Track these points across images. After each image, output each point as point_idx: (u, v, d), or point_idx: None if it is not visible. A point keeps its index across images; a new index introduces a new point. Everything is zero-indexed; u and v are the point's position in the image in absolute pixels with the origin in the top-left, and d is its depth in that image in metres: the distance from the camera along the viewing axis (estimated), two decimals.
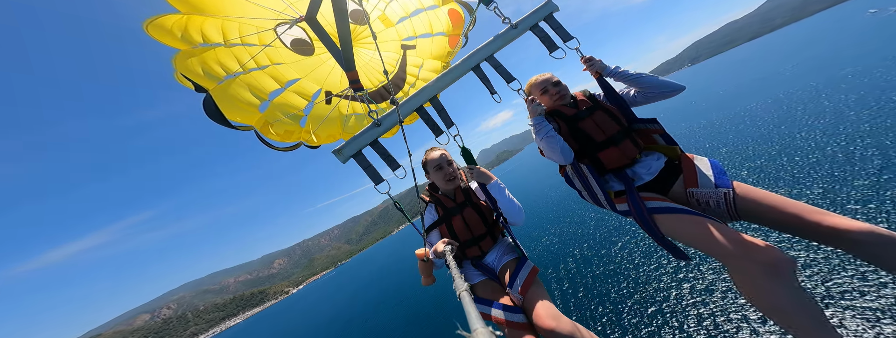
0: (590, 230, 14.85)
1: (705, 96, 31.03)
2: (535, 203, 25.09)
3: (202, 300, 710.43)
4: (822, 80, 17.58)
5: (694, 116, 22.72)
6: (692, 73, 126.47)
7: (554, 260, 13.94)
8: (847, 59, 19.86)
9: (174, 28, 1.88)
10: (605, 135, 1.77)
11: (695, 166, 1.63)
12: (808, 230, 1.32)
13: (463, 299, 0.73)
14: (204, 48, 1.99)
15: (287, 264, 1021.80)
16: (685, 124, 21.37)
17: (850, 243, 1.24)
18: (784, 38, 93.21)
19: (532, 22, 2.11)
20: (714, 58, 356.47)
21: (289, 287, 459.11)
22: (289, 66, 2.50)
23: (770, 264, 1.18)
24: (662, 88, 1.77)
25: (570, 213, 18.81)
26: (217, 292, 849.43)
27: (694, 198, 1.58)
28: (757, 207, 1.44)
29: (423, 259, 1.78)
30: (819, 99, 14.50)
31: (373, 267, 76.58)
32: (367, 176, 1.89)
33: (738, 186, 1.51)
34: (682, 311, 7.37)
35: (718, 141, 15.21)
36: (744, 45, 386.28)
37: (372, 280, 47.80)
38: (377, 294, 33.46)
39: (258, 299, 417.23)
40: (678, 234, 1.48)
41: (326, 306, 49.49)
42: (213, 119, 1.93)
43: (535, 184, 35.11)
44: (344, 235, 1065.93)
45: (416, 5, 3.07)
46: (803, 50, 35.92)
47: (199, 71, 1.96)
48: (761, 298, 1.22)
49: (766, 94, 20.51)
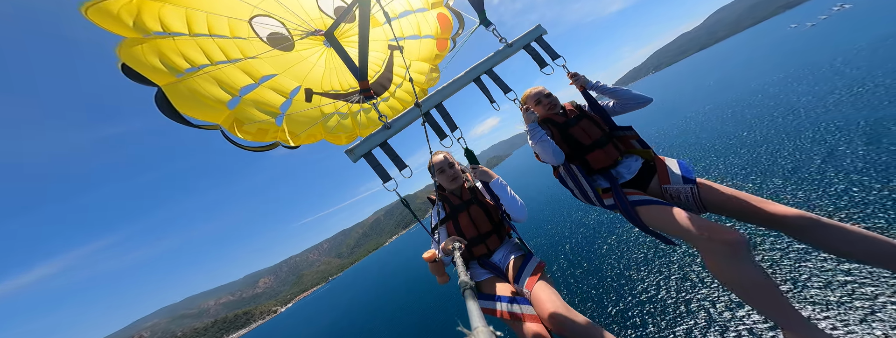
0: (578, 228, 16.08)
1: (671, 102, 35.14)
2: (532, 202, 25.74)
3: (179, 326, 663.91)
4: (756, 86, 20.81)
5: (664, 119, 25.41)
6: (657, 80, 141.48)
7: (547, 255, 14.70)
8: (774, 68, 24.08)
9: (123, 13, 1.62)
10: (591, 139, 2.05)
11: (666, 166, 1.88)
12: (756, 217, 1.55)
13: (466, 297, 0.74)
14: (159, 37, 1.73)
15: (273, 282, 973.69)
16: (656, 127, 23.74)
17: (787, 227, 1.47)
18: (727, 48, 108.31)
19: (525, 42, 2.41)
20: (673, 66, 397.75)
21: (277, 306, 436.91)
22: (264, 61, 2.27)
23: (730, 244, 1.34)
24: (635, 99, 2.09)
25: (559, 212, 19.77)
26: (196, 316, 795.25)
27: (668, 193, 1.82)
28: (717, 199, 1.69)
29: (433, 260, 1.77)
30: (760, 102, 17.12)
31: (367, 279, 74.96)
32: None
33: (702, 183, 1.76)
34: (667, 295, 8.39)
35: (685, 141, 17.16)
36: (696, 54, 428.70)
37: (367, 291, 46.76)
38: (373, 305, 32.66)
39: (243, 320, 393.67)
40: (657, 222, 1.67)
41: (320, 321, 47.70)
42: (169, 116, 1.66)
43: (524, 187, 36.46)
44: (334, 249, 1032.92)
45: (405, 7, 3.01)
46: (739, 59, 42.90)
47: (155, 62, 1.70)
48: (726, 274, 1.37)
49: (715, 99, 23.73)
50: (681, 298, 7.86)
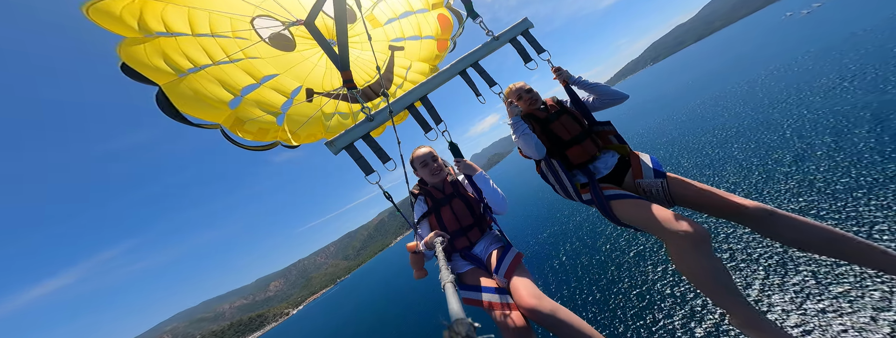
0: (573, 226, 16.34)
1: (663, 96, 35.62)
2: (526, 201, 25.75)
3: (198, 329, 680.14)
4: (752, 75, 20.78)
5: (650, 114, 26.19)
6: (654, 72, 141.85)
7: (544, 252, 15.08)
8: (770, 57, 23.77)
9: (125, 13, 1.62)
10: (571, 135, 2.08)
11: (640, 161, 1.91)
12: (721, 210, 1.61)
13: (446, 290, 0.76)
14: (160, 36, 1.73)
15: (284, 285, 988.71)
16: (646, 122, 24.60)
17: (747, 218, 1.54)
18: (722, 39, 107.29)
19: (511, 35, 2.39)
20: (670, 57, 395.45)
21: (289, 308, 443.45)
22: (266, 61, 2.27)
23: (693, 237, 1.40)
24: (612, 96, 2.11)
25: (558, 211, 19.93)
26: (212, 319, 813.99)
27: (641, 188, 1.87)
28: (685, 192, 1.74)
29: (414, 251, 1.82)
30: (752, 93, 17.21)
31: (374, 280, 75.69)
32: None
33: (671, 177, 1.81)
34: (635, 283, 9.24)
35: (666, 136, 17.77)
36: (693, 45, 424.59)
37: (375, 293, 47.26)
38: (381, 306, 33.00)
39: (257, 323, 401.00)
40: (629, 216, 1.71)
41: (331, 322, 48.55)
42: (170, 116, 1.65)
43: (522, 184, 36.47)
44: (341, 252, 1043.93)
45: (406, 8, 3.02)
46: (736, 49, 43.13)
47: (157, 62, 1.70)
48: (687, 266, 1.43)
49: (708, 91, 23.89)
50: (647, 286, 8.74)
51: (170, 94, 1.68)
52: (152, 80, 1.63)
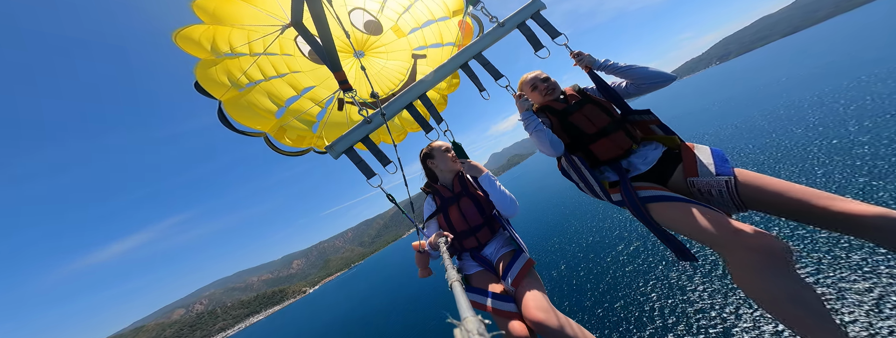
0: (591, 230, 14.36)
1: (724, 99, 28.15)
2: (545, 209, 24.47)
3: (229, 297, 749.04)
4: (851, 80, 14.94)
5: (711, 122, 20.72)
6: (717, 73, 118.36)
7: (550, 256, 13.70)
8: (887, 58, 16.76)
9: (202, 38, 1.99)
10: (596, 127, 1.79)
11: (694, 155, 1.57)
12: (817, 217, 1.21)
13: (454, 289, 0.74)
14: (228, 57, 2.09)
15: (304, 264, 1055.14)
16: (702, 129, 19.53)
17: (863, 229, 1.13)
18: (823, 32, 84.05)
19: (519, 20, 2.09)
20: (745, 55, 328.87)
21: (306, 287, 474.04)
22: (305, 74, 2.59)
23: (763, 252, 1.10)
24: (653, 78, 1.75)
25: (581, 221, 18.18)
26: (242, 289, 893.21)
27: (695, 187, 1.52)
28: (761, 194, 1.33)
29: (419, 250, 1.79)
30: (855, 100, 12.01)
31: (386, 268, 78.31)
32: (383, 177, 1.92)
33: (741, 173, 1.42)
34: (682, 308, 7.09)
35: (735, 142, 13.60)
36: (777, 41, 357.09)
37: (384, 281, 48.85)
38: (390, 294, 34.17)
39: (278, 297, 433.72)
40: (672, 222, 1.43)
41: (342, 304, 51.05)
42: (224, 125, 2.01)
43: (541, 189, 34.24)
44: (357, 238, 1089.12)
45: (428, 16, 3.19)
46: (841, 46, 31.34)
47: (223, 79, 2.06)
48: (756, 288, 1.12)
49: (794, 95, 18.05)
50: (689, 306, 6.65)
51: (227, 107, 2.04)
52: (214, 96, 2.00)
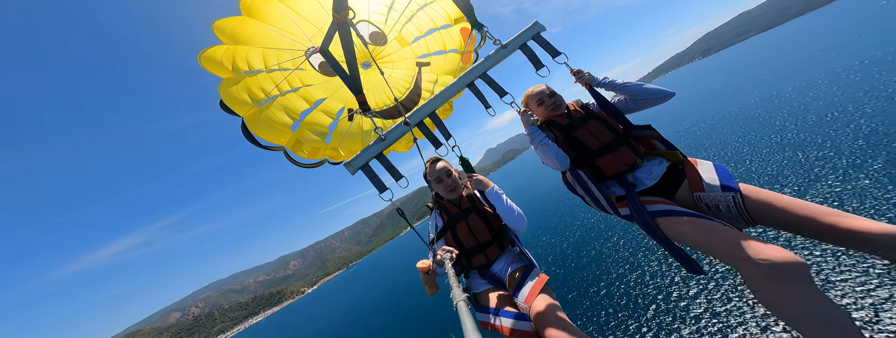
0: (596, 235, 14.20)
1: (708, 94, 28.96)
2: (538, 206, 24.54)
3: (226, 299, 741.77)
4: (830, 75, 15.66)
5: (691, 117, 21.01)
6: (701, 67, 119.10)
7: (557, 264, 13.46)
8: (856, 52, 17.52)
9: (223, 58, 2.12)
10: (600, 142, 1.82)
11: (697, 171, 1.61)
12: (825, 233, 1.23)
13: (459, 309, 0.71)
14: (246, 75, 2.22)
15: (302, 264, 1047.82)
16: (681, 125, 19.83)
17: (870, 245, 1.15)
18: (797, 27, 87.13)
19: (521, 42, 2.24)
20: (726, 50, 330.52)
21: (304, 287, 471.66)
22: (317, 87, 2.72)
23: (777, 268, 1.09)
24: (650, 94, 1.82)
25: (574, 216, 18.29)
26: (239, 291, 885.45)
27: (702, 202, 1.54)
28: (768, 209, 1.36)
29: (425, 272, 1.71)
30: (827, 95, 12.83)
31: (384, 267, 78.23)
32: (379, 175, 1.97)
33: (746, 189, 1.46)
34: (696, 321, 6.97)
35: (722, 141, 13.90)
36: (757, 36, 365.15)
37: (382, 280, 48.78)
38: (387, 293, 34.22)
39: (276, 298, 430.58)
40: (681, 236, 1.43)
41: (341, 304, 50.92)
42: (249, 141, 2.15)
43: (538, 186, 34.44)
44: (354, 237, 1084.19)
45: (430, 25, 3.30)
46: (815, 42, 32.89)
47: (244, 97, 2.19)
48: (777, 302, 1.10)
49: (773, 89, 18.60)
50: (709, 322, 6.42)
51: (250, 123, 2.17)
52: (238, 114, 2.13)
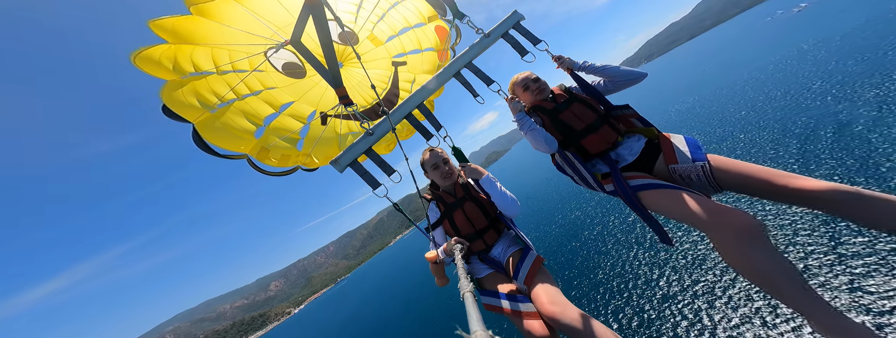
0: (581, 221, 15.79)
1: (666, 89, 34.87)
2: (527, 198, 25.80)
3: (200, 329, 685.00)
4: (741, 77, 20.70)
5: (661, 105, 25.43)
6: (649, 70, 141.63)
7: (548, 249, 14.62)
8: (761, 54, 23.26)
9: (163, 59, 1.83)
10: (584, 123, 1.93)
11: (672, 144, 1.74)
12: (780, 194, 1.38)
13: (466, 300, 0.73)
14: (194, 77, 1.94)
15: (284, 285, 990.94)
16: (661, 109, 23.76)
17: (817, 202, 1.30)
18: (715, 37, 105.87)
19: (502, 30, 2.29)
20: (664, 55, 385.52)
21: (290, 308, 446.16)
22: (282, 90, 2.46)
23: (741, 229, 1.22)
24: (626, 76, 1.97)
25: (561, 206, 19.62)
26: (214, 319, 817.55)
27: (676, 173, 1.67)
28: (732, 176, 1.51)
29: (434, 261, 1.77)
30: (742, 92, 16.81)
31: (375, 279, 76.13)
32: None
33: (713, 159, 1.59)
34: (674, 286, 7.81)
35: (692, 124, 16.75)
36: (686, 43, 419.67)
37: (376, 291, 47.59)
38: (383, 303, 33.30)
39: (259, 322, 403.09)
40: (660, 208, 1.55)
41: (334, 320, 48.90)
42: (203, 149, 1.86)
43: (526, 180, 36.35)
44: (340, 251, 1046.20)
45: (404, 24, 3.17)
46: (725, 51, 42.16)
47: (192, 101, 1.90)
48: (740, 262, 1.24)
49: (704, 90, 23.45)
50: (689, 288, 7.24)
51: (202, 130, 1.88)
52: (187, 119, 1.84)
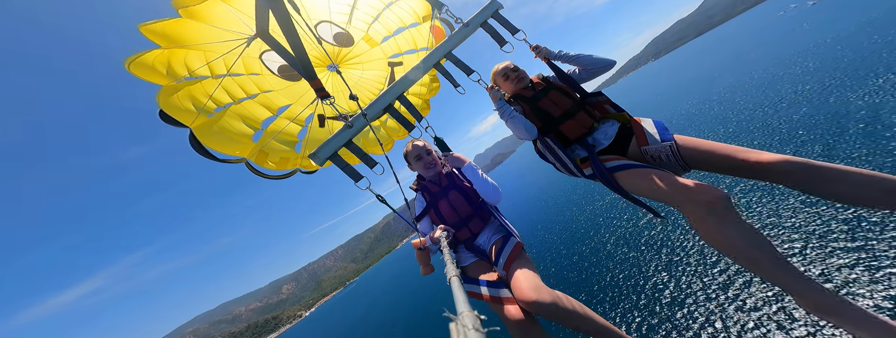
0: (587, 227, 15.32)
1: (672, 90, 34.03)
2: (531, 199, 25.48)
3: (218, 331, 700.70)
4: (741, 77, 19.96)
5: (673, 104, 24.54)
6: (657, 68, 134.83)
7: (550, 250, 14.46)
8: (774, 51, 22.13)
9: (157, 64, 1.82)
10: (562, 110, 2.01)
11: (642, 127, 1.82)
12: (741, 168, 1.45)
13: (452, 284, 0.77)
14: (189, 81, 1.93)
15: (296, 288, 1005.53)
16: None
17: (773, 175, 1.36)
18: (724, 33, 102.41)
19: (481, 19, 2.31)
20: (672, 52, 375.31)
21: (302, 310, 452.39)
22: (279, 93, 2.45)
23: (709, 202, 1.28)
24: (596, 64, 2.09)
25: (570, 213, 19.19)
26: (230, 321, 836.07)
27: (648, 155, 1.76)
28: (698, 154, 1.59)
29: (419, 248, 1.81)
30: (755, 89, 16.19)
31: (383, 281, 76.70)
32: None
33: (680, 139, 1.68)
34: (655, 266, 7.97)
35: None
36: (693, 40, 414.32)
37: (385, 293, 47.93)
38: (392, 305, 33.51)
39: (273, 324, 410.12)
40: (636, 187, 1.61)
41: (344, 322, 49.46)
42: (201, 154, 1.85)
43: (527, 186, 36.03)
44: (349, 255, 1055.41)
45: (398, 24, 3.14)
46: (734, 47, 41.22)
47: (188, 105, 1.89)
48: (715, 236, 1.27)
49: (713, 88, 22.43)
50: (671, 268, 7.37)
51: (199, 134, 1.87)
52: (184, 124, 1.83)
